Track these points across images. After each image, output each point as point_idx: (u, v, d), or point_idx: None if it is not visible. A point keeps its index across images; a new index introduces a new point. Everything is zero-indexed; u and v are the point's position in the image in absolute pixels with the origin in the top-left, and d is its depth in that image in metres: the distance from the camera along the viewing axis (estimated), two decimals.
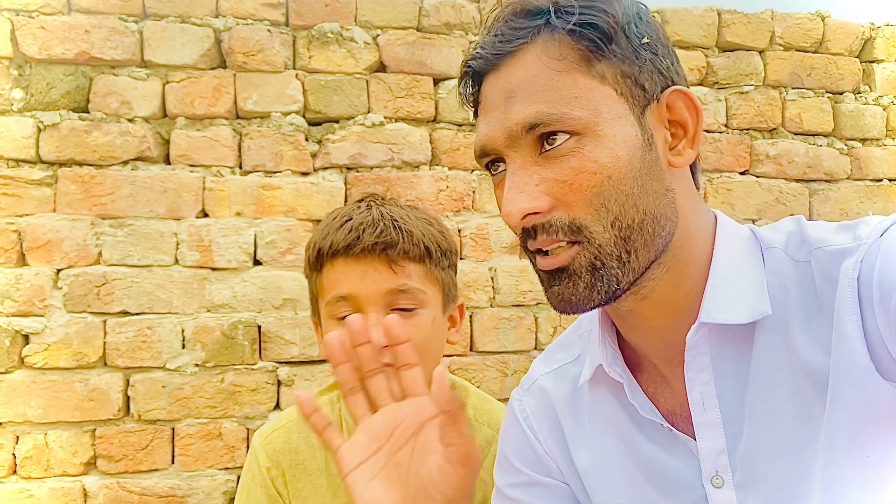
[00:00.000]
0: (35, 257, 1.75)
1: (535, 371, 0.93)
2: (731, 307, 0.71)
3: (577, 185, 0.67)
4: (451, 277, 1.08)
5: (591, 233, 0.68)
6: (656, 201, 0.69)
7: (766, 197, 2.21)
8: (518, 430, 0.90)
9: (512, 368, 1.97)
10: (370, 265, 0.99)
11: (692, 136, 0.72)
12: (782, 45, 2.26)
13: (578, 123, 0.67)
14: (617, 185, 0.67)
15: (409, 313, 1.00)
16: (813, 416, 0.68)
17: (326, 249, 1.01)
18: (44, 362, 1.73)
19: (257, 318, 1.84)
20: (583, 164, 0.67)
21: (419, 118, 1.98)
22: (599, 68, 0.68)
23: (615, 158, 0.67)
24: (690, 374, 0.73)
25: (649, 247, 0.69)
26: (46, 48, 1.78)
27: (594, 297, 0.69)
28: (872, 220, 0.69)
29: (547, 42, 0.68)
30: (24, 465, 1.71)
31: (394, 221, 1.00)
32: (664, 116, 0.71)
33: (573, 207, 0.68)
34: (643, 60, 0.69)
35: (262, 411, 1.82)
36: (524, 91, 0.68)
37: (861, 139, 2.30)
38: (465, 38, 2.02)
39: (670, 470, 0.76)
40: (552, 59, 0.68)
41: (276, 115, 1.89)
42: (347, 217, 1.02)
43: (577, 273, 0.69)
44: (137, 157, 1.81)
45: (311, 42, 1.93)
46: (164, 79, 1.85)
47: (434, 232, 1.04)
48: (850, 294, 0.65)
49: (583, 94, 0.67)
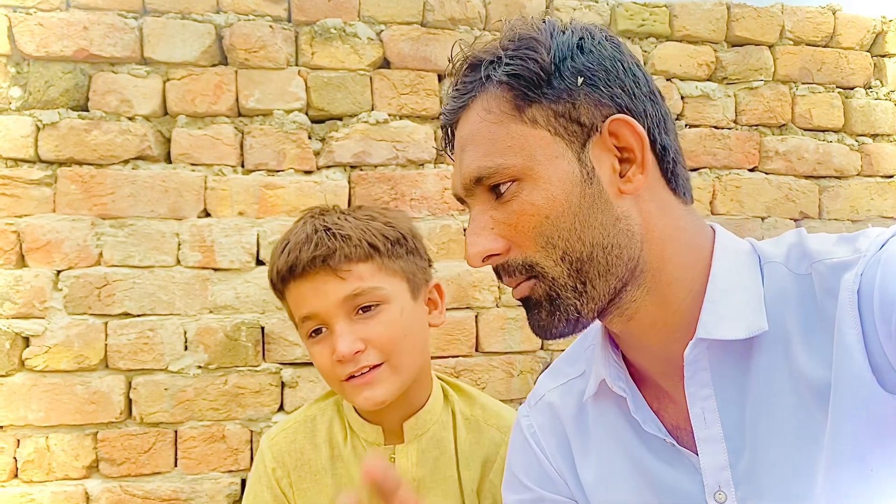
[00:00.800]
0: (35, 258, 1.72)
1: (542, 387, 0.94)
2: (729, 323, 0.72)
3: (521, 226, 0.71)
4: (413, 263, 1.07)
5: (542, 268, 0.72)
6: (604, 232, 0.71)
7: (776, 194, 2.18)
8: (526, 446, 0.91)
9: (518, 369, 1.95)
10: (318, 280, 1.00)
11: (640, 162, 0.73)
12: (792, 40, 2.22)
13: (514, 170, 0.71)
14: (556, 223, 0.70)
15: (371, 312, 1.00)
16: (815, 429, 0.68)
17: (276, 278, 1.04)
18: (44, 365, 1.70)
19: (260, 320, 1.82)
20: (522, 208, 0.71)
21: (424, 115, 1.95)
22: (530, 114, 0.71)
23: (550, 199, 0.70)
24: (691, 390, 0.74)
25: (605, 276, 0.71)
26: (44, 45, 1.75)
27: (558, 325, 0.73)
28: (872, 231, 0.70)
29: (486, 95, 0.73)
30: (26, 468, 1.69)
31: (327, 230, 1.01)
32: (610, 144, 0.73)
33: (523, 247, 0.72)
34: (577, 96, 0.71)
35: (265, 413, 1.81)
36: (470, 146, 0.74)
37: (872, 135, 2.27)
38: (471, 34, 1.98)
39: (674, 485, 0.77)
40: (489, 113, 0.72)
41: (278, 112, 1.86)
42: (286, 241, 1.04)
43: (539, 303, 0.74)
44: (138, 156, 1.79)
45: (313, 38, 1.90)
46: (164, 76, 1.82)
47: (378, 226, 1.04)
48: (851, 307, 0.66)
49: (516, 142, 0.71)
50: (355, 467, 1.07)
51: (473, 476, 1.08)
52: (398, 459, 1.06)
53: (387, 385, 1.00)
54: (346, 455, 1.09)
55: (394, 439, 1.08)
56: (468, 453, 1.09)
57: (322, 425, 1.12)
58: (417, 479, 1.06)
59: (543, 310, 0.73)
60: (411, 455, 1.07)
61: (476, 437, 1.10)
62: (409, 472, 1.06)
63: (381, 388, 0.99)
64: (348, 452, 1.09)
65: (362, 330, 0.99)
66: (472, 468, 1.09)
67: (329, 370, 1.01)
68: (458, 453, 1.09)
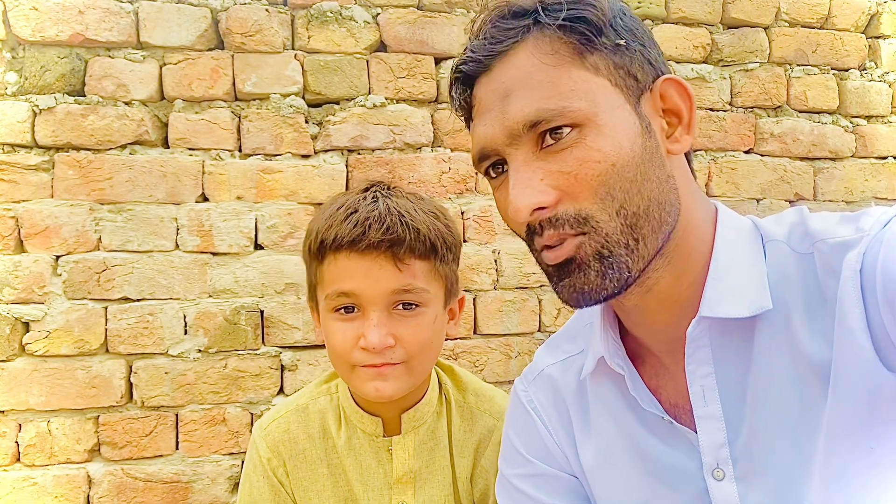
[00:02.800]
0: (33, 244, 1.72)
1: (541, 361, 0.93)
2: (732, 301, 0.71)
3: (583, 175, 0.67)
4: (454, 272, 1.05)
5: (597, 222, 0.68)
6: (660, 188, 0.69)
7: (771, 176, 2.19)
8: (527, 419, 0.90)
9: (516, 351, 1.97)
10: (375, 262, 0.95)
11: (687, 123, 0.73)
12: (788, 21, 2.22)
13: (578, 115, 0.67)
14: (621, 172, 0.67)
15: (411, 311, 0.98)
16: (814, 408, 0.68)
17: (330, 242, 0.97)
18: (45, 350, 1.71)
19: (260, 303, 1.82)
20: (587, 155, 0.67)
21: (421, 99, 1.95)
22: (592, 60, 0.69)
23: (618, 147, 0.67)
24: (691, 367, 0.74)
25: (657, 233, 0.69)
26: (40, 30, 1.74)
27: (606, 285, 0.69)
28: (875, 210, 0.70)
29: (538, 39, 0.69)
30: (28, 452, 1.70)
31: (401, 216, 0.96)
32: (658, 105, 0.72)
33: (579, 198, 0.68)
34: (633, 51, 0.70)
35: (265, 396, 1.82)
36: (520, 89, 0.69)
37: (866, 116, 2.28)
38: (468, 17, 1.98)
39: (672, 462, 0.77)
40: (545, 55, 0.68)
41: (275, 96, 1.86)
42: (353, 209, 0.98)
43: (586, 262, 0.69)
44: (135, 140, 1.78)
45: (310, 21, 1.89)
46: (160, 60, 1.81)
47: (441, 226, 1.01)
48: (854, 286, 0.65)
49: (579, 86, 0.68)
50: (349, 458, 1.07)
51: (467, 463, 1.08)
52: (395, 451, 1.06)
53: (399, 382, 0.98)
54: (341, 445, 1.07)
55: (390, 430, 1.07)
56: (462, 441, 1.09)
57: (315, 415, 1.10)
58: (414, 471, 1.06)
59: (592, 270, 0.68)
60: (408, 447, 1.06)
61: (469, 425, 1.10)
62: (405, 463, 1.06)
63: (392, 384, 0.97)
64: (342, 443, 1.07)
65: (397, 326, 0.96)
66: (465, 455, 1.09)
67: (346, 351, 0.98)
68: (451, 442, 1.09)
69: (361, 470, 1.07)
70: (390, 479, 1.06)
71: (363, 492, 1.06)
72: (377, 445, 1.07)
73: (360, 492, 1.06)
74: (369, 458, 1.07)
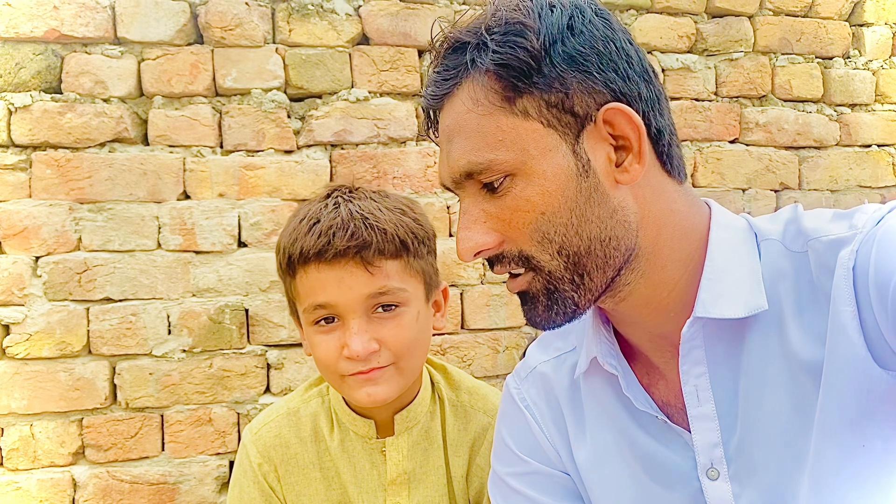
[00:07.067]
0: (12, 245, 1.69)
1: (533, 359, 0.92)
2: (727, 301, 0.71)
3: (515, 222, 0.69)
4: (430, 265, 1.04)
5: (538, 262, 0.70)
6: (601, 226, 0.69)
7: (756, 165, 2.19)
8: (519, 416, 0.90)
9: (503, 345, 1.96)
10: (345, 270, 0.94)
11: (637, 152, 0.70)
12: (772, 10, 2.22)
13: (506, 167, 0.68)
14: (552, 219, 0.68)
15: (391, 313, 0.97)
16: (807, 406, 0.68)
17: (297, 256, 0.95)
18: (26, 352, 1.68)
19: (244, 302, 1.80)
20: (516, 204, 0.69)
21: (405, 92, 1.93)
22: (521, 105, 0.68)
23: (545, 194, 0.68)
24: (685, 367, 0.74)
25: (603, 268, 0.70)
26: (14, 26, 1.70)
27: (554, 318, 0.72)
28: (868, 208, 0.70)
29: (473, 83, 0.69)
30: (11, 457, 1.68)
31: (364, 220, 0.94)
32: (605, 134, 0.70)
33: (517, 241, 0.70)
34: (570, 84, 0.68)
35: (252, 395, 1.80)
36: (457, 136, 0.71)
37: (850, 105, 2.28)
38: (451, 8, 1.96)
39: (666, 462, 0.77)
40: (476, 104, 0.69)
41: (256, 91, 1.84)
42: (315, 219, 0.96)
43: (536, 297, 0.72)
44: (114, 138, 1.75)
45: (290, 14, 1.86)
46: (139, 56, 1.78)
47: (408, 222, 0.99)
48: (847, 284, 0.65)
49: (507, 135, 0.68)
50: (343, 461, 1.05)
51: (462, 462, 1.08)
52: (388, 452, 1.05)
53: (390, 385, 0.97)
54: (334, 448, 1.06)
55: (383, 432, 1.06)
56: (456, 441, 1.08)
57: (307, 419, 1.09)
58: (408, 472, 1.05)
59: (540, 303, 0.72)
60: (402, 448, 1.05)
61: (464, 424, 1.09)
62: (399, 464, 1.05)
63: (384, 388, 0.96)
64: (335, 446, 1.06)
65: (378, 330, 0.95)
66: (460, 455, 1.08)
67: (332, 363, 0.97)
68: (446, 442, 1.08)
69: (355, 472, 1.06)
70: (384, 480, 1.05)
71: (357, 494, 1.05)
72: (371, 447, 1.06)
73: (354, 494, 1.05)
74: (363, 460, 1.06)
